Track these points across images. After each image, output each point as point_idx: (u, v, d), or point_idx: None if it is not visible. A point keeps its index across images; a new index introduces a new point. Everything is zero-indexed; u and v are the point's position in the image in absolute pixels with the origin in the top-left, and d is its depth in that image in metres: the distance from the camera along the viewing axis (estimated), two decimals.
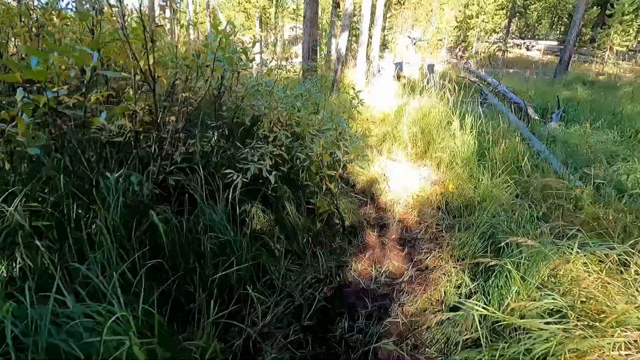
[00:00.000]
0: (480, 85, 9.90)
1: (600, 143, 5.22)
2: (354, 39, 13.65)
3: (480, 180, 3.34)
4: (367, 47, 8.33)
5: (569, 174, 3.30)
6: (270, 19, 27.00)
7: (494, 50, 19.15)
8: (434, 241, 2.81)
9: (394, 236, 2.95)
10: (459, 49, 20.31)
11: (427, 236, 2.91)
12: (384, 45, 19.14)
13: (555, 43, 23.33)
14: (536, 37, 26.30)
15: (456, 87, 5.55)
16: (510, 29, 19.25)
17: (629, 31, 16.84)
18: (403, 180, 3.88)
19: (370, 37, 8.06)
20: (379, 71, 12.91)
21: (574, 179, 3.07)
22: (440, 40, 21.97)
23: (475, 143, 3.96)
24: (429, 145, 4.37)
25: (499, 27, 19.01)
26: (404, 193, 3.68)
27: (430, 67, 8.42)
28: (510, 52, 19.47)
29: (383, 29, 19.40)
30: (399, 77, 12.46)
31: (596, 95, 8.71)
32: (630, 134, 5.55)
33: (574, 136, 5.54)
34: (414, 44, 24.64)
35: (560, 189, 2.95)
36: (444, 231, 2.94)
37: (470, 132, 4.12)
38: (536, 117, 6.86)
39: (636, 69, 15.98)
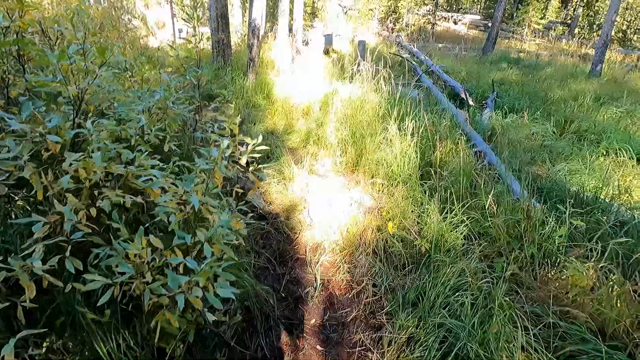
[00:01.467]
0: (413, 62, 9.27)
1: (539, 137, 4.82)
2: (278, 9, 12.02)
3: (426, 215, 2.52)
4: (290, 16, 7.06)
5: (533, 200, 2.63)
6: None
7: (424, 23, 18.86)
8: (370, 329, 1.93)
9: (313, 320, 2.01)
10: (390, 21, 19.67)
11: (361, 314, 2.03)
12: (313, 14, 17.71)
13: (479, 17, 23.91)
14: (460, 10, 26.77)
15: (390, 72, 4.67)
16: (439, 1, 19.04)
17: (542, 9, 17.59)
18: (330, 207, 2.95)
19: (291, 3, 6.79)
20: (307, 43, 11.67)
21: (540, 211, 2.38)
22: (371, 10, 21.08)
23: (417, 155, 3.14)
24: (362, 153, 3.46)
25: None
26: (331, 227, 2.76)
27: (362, 45, 7.46)
28: (439, 26, 19.35)
29: None
30: (328, 52, 11.38)
31: (525, 77, 8.58)
32: (564, 125, 5.26)
33: (512, 128, 5.08)
34: (345, 12, 23.47)
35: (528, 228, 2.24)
36: (384, 301, 2.09)
37: (411, 137, 3.28)
38: (472, 104, 6.37)
39: (549, 46, 16.85)
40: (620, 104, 6.25)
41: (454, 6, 23.66)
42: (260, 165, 2.03)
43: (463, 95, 6.49)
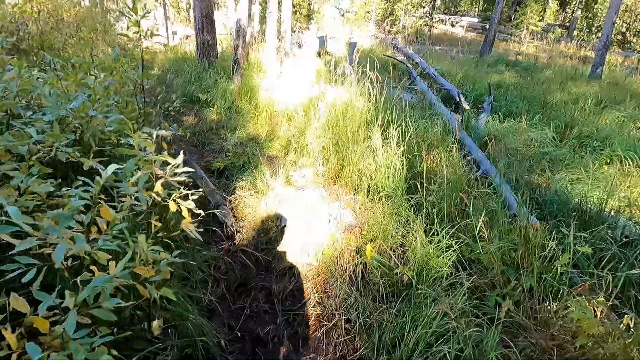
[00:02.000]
0: (408, 65, 8.99)
1: (538, 143, 4.52)
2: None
3: (411, 235, 2.21)
4: (278, 17, 6.79)
5: (532, 217, 2.32)
6: None
7: (420, 25, 18.61)
8: None
9: None
10: (387, 23, 19.43)
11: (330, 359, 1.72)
12: (308, 16, 17.46)
13: (477, 20, 23.70)
14: (458, 12, 26.57)
15: (379, 76, 4.37)
16: (436, 3, 18.81)
17: (540, 11, 17.36)
18: (307, 224, 2.64)
19: (279, 3, 6.51)
20: (300, 46, 11.40)
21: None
22: (368, 12, 20.87)
23: (403, 166, 2.83)
24: (345, 163, 3.15)
25: (425, 1, 18.42)
26: (306, 247, 2.45)
27: (353, 46, 7.18)
28: (436, 28, 19.11)
29: None
30: (320, 54, 11.09)
31: (523, 80, 8.30)
32: (564, 130, 4.96)
33: (510, 133, 4.78)
34: (342, 15, 23.31)
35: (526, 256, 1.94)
36: (357, 342, 1.78)
37: (397, 146, 2.97)
38: (467, 107, 6.08)
39: (547, 48, 16.61)
40: (623, 108, 5.96)
41: (452, 9, 23.45)
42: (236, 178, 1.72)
43: (458, 99, 6.20)
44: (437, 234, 2.12)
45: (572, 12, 21.76)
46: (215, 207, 2.80)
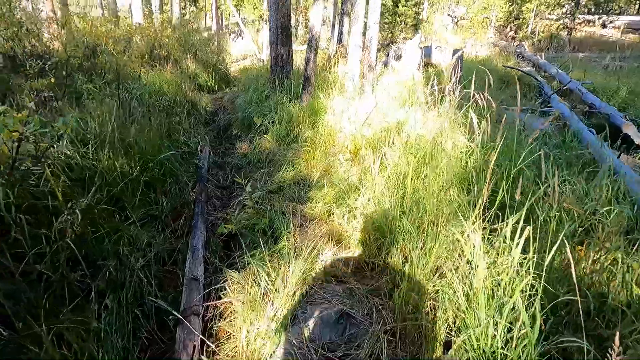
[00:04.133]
0: (538, 79, 6.78)
1: None
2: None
3: None
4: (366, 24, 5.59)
5: None
6: None
7: (556, 28, 15.14)
8: None
9: None
10: (510, 28, 16.41)
11: None
12: (415, 26, 15.81)
13: (639, 18, 18.52)
14: (610, 11, 21.30)
15: (492, 96, 2.76)
16: (580, 1, 15.07)
17: None
18: None
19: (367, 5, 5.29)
20: (398, 58, 9.96)
21: None
22: (487, 17, 18.10)
23: (536, 291, 1.28)
24: (406, 271, 1.72)
25: None
26: None
27: (457, 56, 5.52)
28: (579, 31, 15.30)
29: (416, 4, 16.01)
30: (426, 66, 9.48)
31: None
32: None
33: None
34: (455, 23, 20.93)
35: None
36: None
37: (517, 240, 1.42)
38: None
39: None
40: None
41: (603, 7, 18.81)
42: None
43: (626, 131, 4.03)
44: None
45: None
46: (182, 315, 1.70)
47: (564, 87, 5.73)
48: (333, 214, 2.52)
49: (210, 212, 2.84)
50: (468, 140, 2.59)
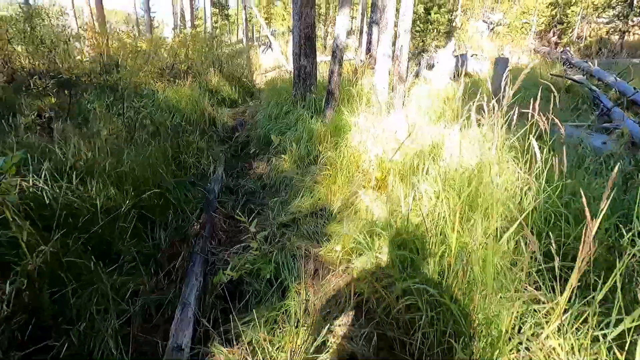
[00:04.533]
0: (594, 89, 6.00)
1: None
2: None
3: None
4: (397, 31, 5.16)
5: None
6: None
7: (606, 32, 13.92)
8: None
9: None
10: (553, 33, 15.31)
11: None
12: (448, 34, 15.11)
13: None
14: None
15: (552, 108, 2.23)
16: (634, 1, 13.77)
17: None
18: None
19: (397, 12, 4.86)
20: (430, 67, 9.39)
21: None
22: (527, 22, 17.06)
23: None
24: None
25: (617, 0, 13.60)
26: None
27: (502, 65, 4.92)
28: (634, 34, 13.96)
29: (449, 11, 15.34)
30: (460, 75, 8.86)
31: None
32: None
33: None
34: (491, 29, 19.97)
35: None
36: None
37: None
38: None
39: None
40: None
41: None
42: None
43: None
44: None
45: None
46: None
47: (628, 99, 4.98)
48: (352, 260, 2.07)
49: (214, 249, 2.48)
50: (524, 172, 2.07)
